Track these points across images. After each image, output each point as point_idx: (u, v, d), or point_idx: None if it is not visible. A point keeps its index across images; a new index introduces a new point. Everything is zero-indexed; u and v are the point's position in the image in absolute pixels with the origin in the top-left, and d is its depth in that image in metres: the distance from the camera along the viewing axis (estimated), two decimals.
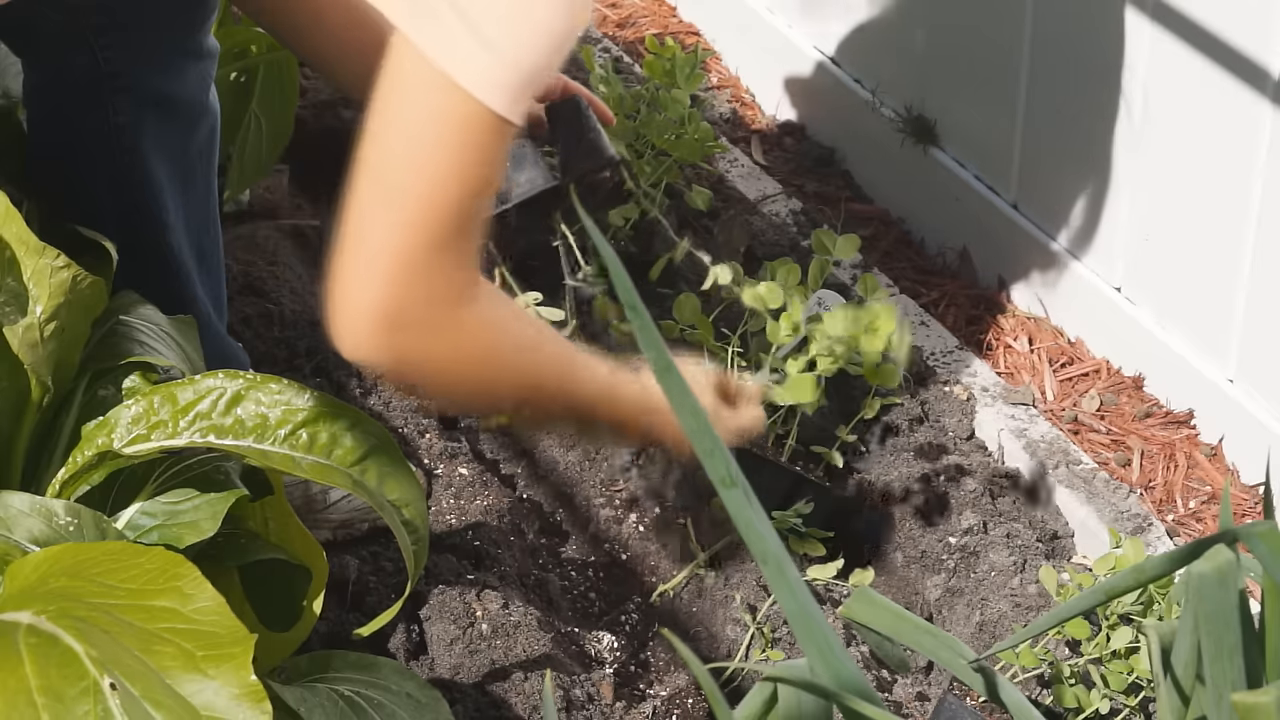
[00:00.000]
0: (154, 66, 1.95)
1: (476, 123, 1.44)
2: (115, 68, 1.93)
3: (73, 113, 1.97)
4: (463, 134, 1.44)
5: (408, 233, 1.46)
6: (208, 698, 1.26)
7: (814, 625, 1.11)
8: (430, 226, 1.46)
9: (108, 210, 2.00)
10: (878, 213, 2.96)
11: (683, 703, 2.18)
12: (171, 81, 1.97)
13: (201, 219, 2.09)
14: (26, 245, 1.62)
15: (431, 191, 1.46)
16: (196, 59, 1.98)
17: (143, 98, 1.95)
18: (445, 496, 2.34)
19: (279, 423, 1.64)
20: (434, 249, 1.46)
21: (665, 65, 2.74)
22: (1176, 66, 2.32)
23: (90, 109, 1.96)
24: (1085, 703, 2.09)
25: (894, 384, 2.42)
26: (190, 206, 2.06)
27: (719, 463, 1.05)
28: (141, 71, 1.95)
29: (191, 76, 1.98)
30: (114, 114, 1.95)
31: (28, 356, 1.62)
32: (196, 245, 2.09)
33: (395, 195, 1.47)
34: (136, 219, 2.00)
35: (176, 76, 1.97)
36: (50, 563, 1.38)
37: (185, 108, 1.99)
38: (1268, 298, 2.33)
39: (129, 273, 1.89)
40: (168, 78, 1.96)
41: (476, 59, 1.42)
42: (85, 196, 2.01)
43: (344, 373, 2.50)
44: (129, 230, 1.97)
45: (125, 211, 2.00)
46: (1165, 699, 1.22)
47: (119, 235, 1.90)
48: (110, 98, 1.95)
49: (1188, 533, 2.39)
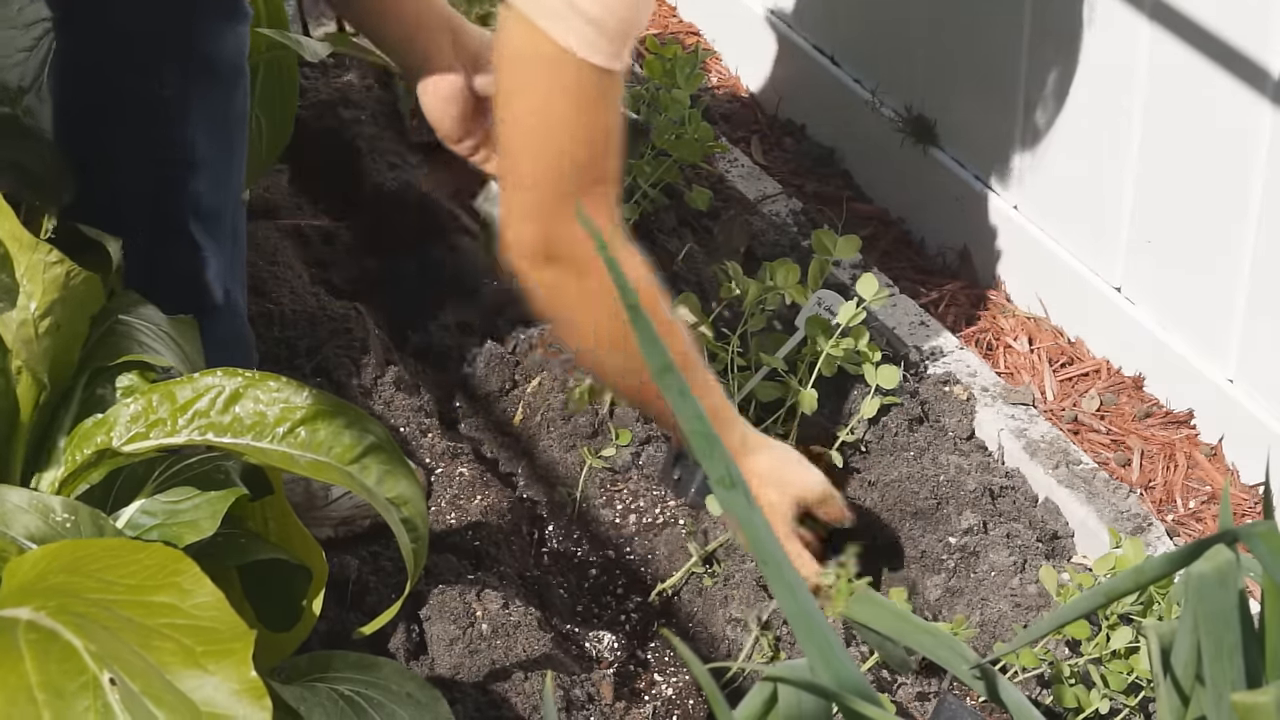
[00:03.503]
0: (195, 27, 1.94)
1: (587, 76, 1.71)
2: (157, 26, 1.92)
3: (114, 73, 1.94)
4: (583, 89, 1.74)
5: (548, 178, 1.77)
6: (208, 693, 1.26)
7: (814, 625, 1.11)
8: (568, 171, 1.77)
9: (133, 178, 1.97)
10: (877, 213, 2.96)
11: (683, 703, 2.18)
12: (214, 43, 1.95)
13: (235, 190, 2.07)
14: (19, 241, 1.62)
15: (566, 142, 1.77)
16: (237, 20, 1.97)
17: (190, 65, 1.94)
18: (445, 496, 2.34)
19: (277, 420, 1.64)
20: (569, 193, 1.77)
21: (665, 65, 2.74)
22: (1176, 66, 2.32)
23: (130, 70, 1.93)
24: (1085, 703, 2.09)
25: (894, 384, 2.43)
26: (226, 176, 2.04)
27: (719, 463, 1.05)
28: (184, 32, 1.93)
29: (230, 39, 1.97)
30: (162, 85, 1.94)
31: (23, 353, 1.62)
32: (232, 220, 2.07)
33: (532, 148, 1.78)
34: (165, 190, 1.98)
35: (218, 38, 1.96)
36: (49, 559, 1.37)
37: (226, 72, 1.98)
38: (1268, 298, 2.33)
39: (144, 249, 1.87)
40: (211, 39, 1.95)
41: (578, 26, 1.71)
42: (109, 162, 1.98)
43: (344, 372, 2.50)
44: (153, 204, 1.95)
45: (155, 181, 1.97)
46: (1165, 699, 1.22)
47: (140, 209, 1.89)
48: (153, 61, 1.93)
49: (1188, 533, 2.39)
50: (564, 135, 1.77)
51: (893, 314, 2.67)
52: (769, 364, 2.41)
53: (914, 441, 2.45)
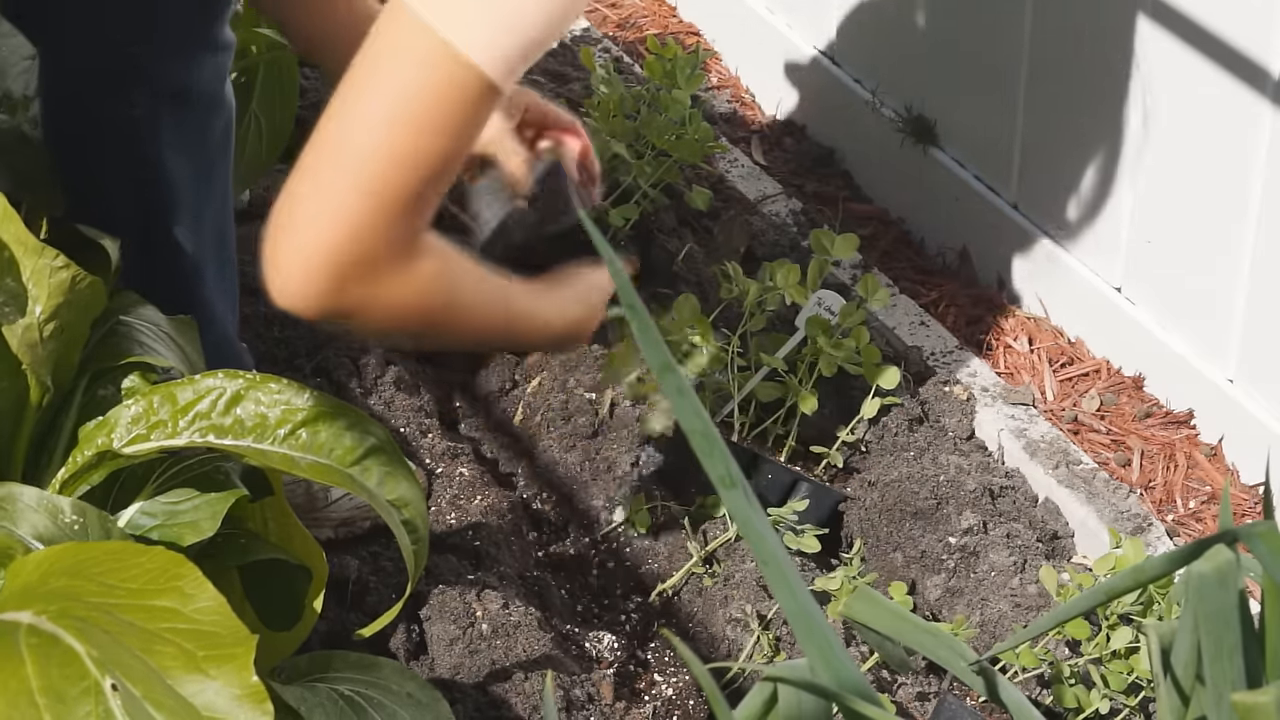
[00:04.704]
0: (172, 57, 1.95)
1: (468, 87, 1.44)
2: (134, 57, 1.93)
3: (92, 102, 1.96)
4: (452, 98, 1.44)
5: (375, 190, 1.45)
6: (209, 698, 1.26)
7: (814, 625, 1.11)
8: (400, 186, 1.46)
9: (120, 202, 1.99)
10: (877, 213, 2.96)
11: (683, 703, 2.18)
12: (188, 73, 1.96)
13: (219, 215, 2.08)
14: (25, 245, 1.62)
15: (409, 152, 1.46)
16: (214, 51, 1.98)
17: (159, 89, 1.95)
18: (445, 496, 2.34)
19: (278, 422, 1.64)
20: (399, 209, 1.46)
21: (665, 65, 2.74)
22: (1176, 66, 2.32)
23: (109, 97, 1.95)
24: (1085, 703, 2.09)
25: (894, 384, 2.43)
26: (207, 202, 2.05)
27: (719, 462, 1.05)
28: (159, 62, 1.94)
29: (208, 68, 1.97)
30: (132, 106, 1.95)
31: (27, 357, 1.62)
32: (215, 240, 2.07)
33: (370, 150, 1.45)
34: (148, 212, 2.00)
35: (194, 68, 1.96)
36: (51, 562, 1.37)
37: (201, 99, 1.99)
38: (1268, 298, 2.33)
39: (138, 267, 1.88)
40: (185, 69, 1.96)
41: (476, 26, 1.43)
42: (98, 187, 2.00)
43: (344, 372, 2.50)
44: (140, 224, 1.97)
45: (138, 204, 2.00)
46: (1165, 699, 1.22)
47: (129, 229, 1.89)
48: (129, 88, 1.94)
49: (1188, 533, 2.39)
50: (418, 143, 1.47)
51: (893, 314, 2.67)
52: (769, 364, 2.41)
53: (914, 441, 2.45)
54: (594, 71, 2.83)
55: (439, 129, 1.45)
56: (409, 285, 1.50)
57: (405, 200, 1.46)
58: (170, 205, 2.00)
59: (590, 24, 3.35)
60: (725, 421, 2.41)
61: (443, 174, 1.48)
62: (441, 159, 1.47)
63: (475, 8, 1.43)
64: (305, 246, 1.45)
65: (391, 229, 1.47)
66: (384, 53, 1.46)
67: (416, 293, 1.51)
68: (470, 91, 1.44)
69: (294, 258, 1.45)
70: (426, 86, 1.44)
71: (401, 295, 1.51)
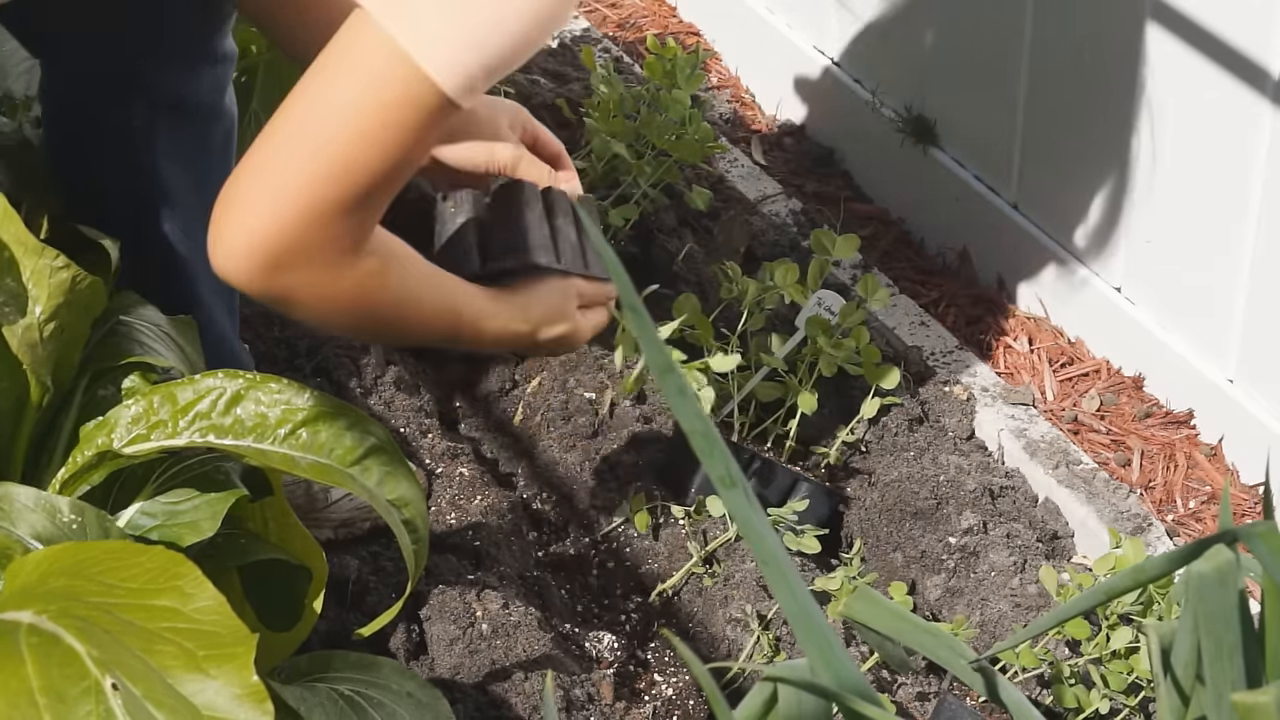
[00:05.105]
0: (172, 69, 1.95)
1: (425, 101, 1.44)
2: (137, 67, 1.93)
3: (96, 110, 1.97)
4: (406, 109, 1.44)
5: (318, 187, 1.47)
6: (209, 698, 1.26)
7: (814, 625, 1.11)
8: (343, 188, 1.47)
9: (117, 208, 2.00)
10: (877, 213, 2.96)
11: (683, 703, 2.18)
12: (187, 85, 1.96)
13: None
14: (25, 246, 1.62)
15: (356, 155, 1.46)
16: (213, 63, 1.98)
17: (157, 100, 1.95)
18: (445, 496, 2.34)
19: (279, 422, 1.64)
20: (340, 210, 1.48)
21: (665, 65, 2.74)
22: (1176, 67, 2.32)
23: (111, 106, 1.96)
24: (1085, 703, 2.09)
25: (894, 384, 2.43)
26: (207, 206, 2.06)
27: (719, 462, 1.05)
28: (158, 73, 1.95)
29: (207, 80, 1.98)
30: (131, 116, 1.95)
31: (27, 357, 1.62)
32: None
33: (319, 147, 1.46)
34: (144, 219, 2.01)
35: (193, 80, 1.96)
36: (51, 561, 1.38)
37: (199, 111, 1.99)
38: (1268, 298, 2.33)
39: (134, 272, 1.89)
40: (184, 81, 1.96)
41: (440, 41, 1.42)
42: (96, 190, 2.01)
43: (344, 372, 2.50)
44: (136, 230, 1.97)
45: (134, 210, 2.00)
46: (1165, 699, 1.22)
47: (126, 233, 1.90)
48: (129, 98, 1.95)
49: (1188, 533, 2.39)
50: (368, 148, 1.47)
51: (893, 314, 2.67)
52: (769, 364, 2.41)
53: (914, 441, 2.45)
54: (594, 71, 2.83)
55: (390, 141, 1.46)
56: (345, 280, 1.53)
57: (345, 203, 1.48)
58: (167, 210, 2.01)
59: (590, 24, 3.35)
60: (725, 421, 2.41)
61: (390, 183, 1.50)
62: (388, 169, 1.49)
63: (440, 23, 1.42)
64: (246, 225, 1.49)
65: (329, 228, 1.49)
66: (345, 58, 1.46)
67: (354, 287, 1.54)
68: (425, 106, 1.45)
69: (237, 233, 1.50)
70: (381, 99, 1.44)
71: (336, 289, 1.53)
